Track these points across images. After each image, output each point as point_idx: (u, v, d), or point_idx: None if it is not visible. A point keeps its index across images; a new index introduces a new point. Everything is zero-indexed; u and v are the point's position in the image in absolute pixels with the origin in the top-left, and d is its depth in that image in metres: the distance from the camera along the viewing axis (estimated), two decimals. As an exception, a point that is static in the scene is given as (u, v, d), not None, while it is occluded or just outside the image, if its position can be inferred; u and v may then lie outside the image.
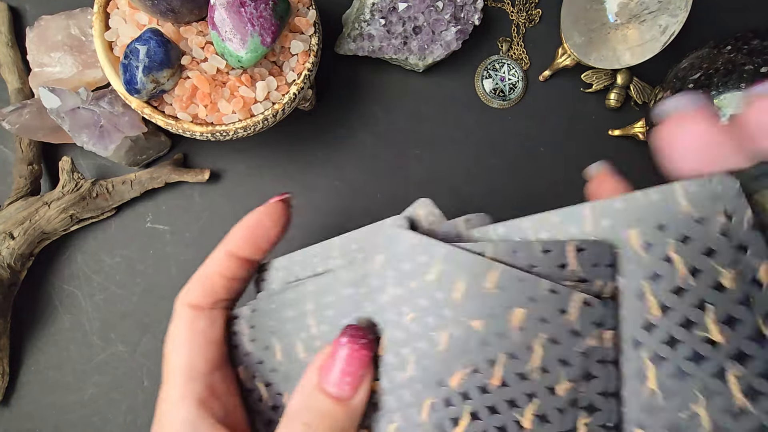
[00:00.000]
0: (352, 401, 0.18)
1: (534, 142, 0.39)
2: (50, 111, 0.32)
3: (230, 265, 0.23)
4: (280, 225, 0.24)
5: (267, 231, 0.24)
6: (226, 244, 0.23)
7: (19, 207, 0.34)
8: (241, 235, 0.23)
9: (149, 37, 0.28)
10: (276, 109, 0.32)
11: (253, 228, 0.23)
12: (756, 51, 0.30)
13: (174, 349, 0.22)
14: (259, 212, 0.24)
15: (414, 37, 0.36)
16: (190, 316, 0.22)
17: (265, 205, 0.24)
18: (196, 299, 0.23)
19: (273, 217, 0.24)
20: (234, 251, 0.23)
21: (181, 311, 0.22)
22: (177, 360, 0.21)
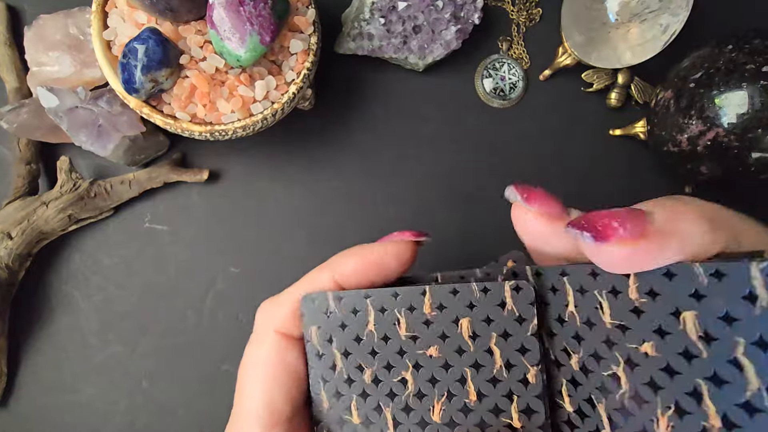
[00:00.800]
0: None
1: (534, 141, 0.39)
2: (48, 110, 0.32)
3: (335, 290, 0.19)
4: (404, 268, 0.19)
5: (387, 272, 0.19)
6: (334, 270, 0.19)
7: (17, 207, 0.34)
8: (356, 267, 0.19)
9: (148, 36, 0.28)
10: (275, 109, 0.31)
11: (372, 264, 0.19)
12: (757, 50, 0.30)
13: (256, 382, 0.18)
14: (385, 249, 0.19)
15: (414, 37, 0.36)
16: (280, 345, 0.19)
17: (396, 243, 0.19)
18: (287, 326, 0.19)
19: (399, 259, 0.19)
20: (342, 282, 0.19)
21: (269, 337, 0.19)
22: (258, 396, 0.18)
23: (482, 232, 0.38)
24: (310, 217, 0.38)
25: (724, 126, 0.30)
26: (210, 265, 0.37)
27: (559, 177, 0.38)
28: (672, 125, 0.33)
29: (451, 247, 0.38)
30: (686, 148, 0.32)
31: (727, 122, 0.30)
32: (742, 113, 0.29)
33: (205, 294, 0.37)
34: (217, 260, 0.37)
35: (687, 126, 0.32)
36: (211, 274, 0.37)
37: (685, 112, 0.32)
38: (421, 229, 0.20)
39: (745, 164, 0.30)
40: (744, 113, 0.29)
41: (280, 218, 0.38)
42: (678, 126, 0.32)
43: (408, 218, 0.38)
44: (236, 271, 0.37)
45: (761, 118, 0.29)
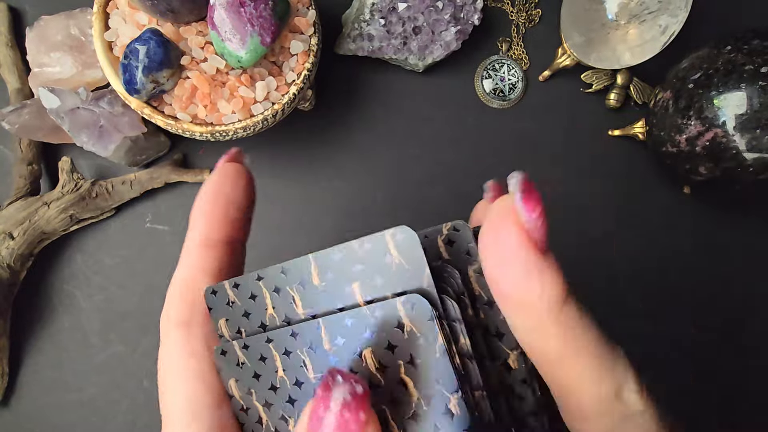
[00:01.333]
0: None
1: (534, 142, 0.39)
2: (50, 111, 0.32)
3: (208, 258, 0.18)
4: (242, 186, 0.18)
5: (231, 198, 0.18)
6: (192, 236, 0.18)
7: (19, 207, 0.34)
8: (204, 216, 0.18)
9: (149, 37, 0.28)
10: (276, 110, 0.32)
11: (212, 202, 0.18)
12: (756, 51, 0.30)
13: (171, 378, 0.17)
14: (211, 181, 0.18)
15: (414, 37, 0.36)
16: (181, 336, 0.18)
17: (215, 171, 0.18)
18: (182, 315, 0.18)
19: (230, 180, 0.18)
20: (206, 237, 0.18)
21: (170, 333, 0.18)
22: (176, 395, 0.17)
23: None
24: (311, 216, 0.38)
25: (723, 126, 0.30)
26: (211, 265, 0.37)
27: (559, 177, 0.39)
28: (671, 126, 0.33)
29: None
30: (685, 149, 0.32)
31: (726, 123, 0.30)
32: (740, 114, 0.29)
33: (205, 294, 0.37)
34: (217, 260, 0.37)
35: (686, 126, 0.32)
36: (212, 274, 0.37)
37: (684, 112, 0.32)
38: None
39: (743, 165, 0.30)
40: (742, 114, 0.29)
41: (281, 218, 0.38)
42: (677, 126, 0.32)
43: (408, 218, 0.38)
44: (237, 271, 0.37)
45: (759, 119, 0.29)
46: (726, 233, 0.38)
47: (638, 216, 0.38)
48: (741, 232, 0.38)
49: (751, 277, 0.38)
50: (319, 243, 0.38)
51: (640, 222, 0.38)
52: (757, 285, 0.38)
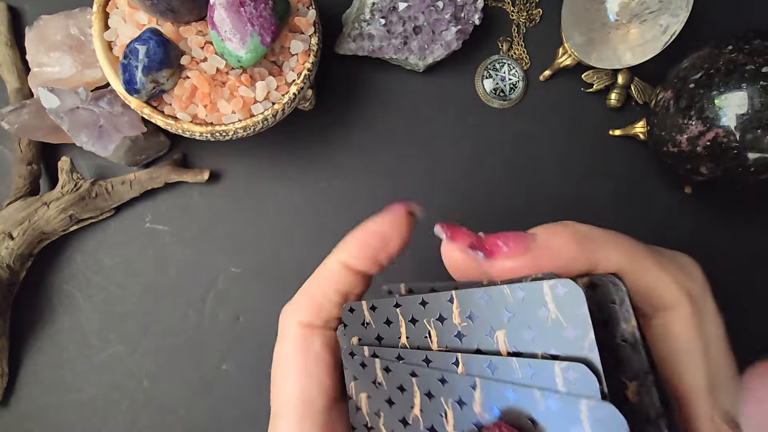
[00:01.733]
0: None
1: (534, 142, 0.39)
2: (49, 111, 0.32)
3: (345, 278, 0.19)
4: (403, 236, 0.20)
5: (388, 243, 0.20)
6: (339, 254, 0.20)
7: (19, 207, 0.34)
8: (359, 244, 0.19)
9: (149, 37, 0.28)
10: (276, 109, 0.31)
11: (372, 238, 0.20)
12: (757, 51, 0.30)
13: (286, 376, 0.19)
14: (381, 221, 0.20)
15: (414, 37, 0.36)
16: (304, 336, 0.19)
17: (389, 213, 0.20)
18: (308, 317, 0.19)
19: (397, 227, 0.20)
20: (350, 263, 0.19)
21: (292, 331, 0.19)
22: (290, 390, 0.18)
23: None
24: (311, 217, 0.38)
25: (724, 126, 0.30)
26: (211, 265, 0.37)
27: (559, 177, 0.38)
28: (672, 126, 0.33)
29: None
30: (686, 149, 0.32)
31: (727, 123, 0.30)
32: (741, 114, 0.29)
33: (205, 294, 0.37)
34: (217, 260, 0.37)
35: (687, 126, 0.32)
36: (212, 274, 0.37)
37: (685, 112, 0.32)
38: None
39: (744, 165, 0.30)
40: (744, 114, 0.29)
41: (281, 218, 0.38)
42: (678, 126, 0.32)
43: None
44: (237, 271, 0.37)
45: (761, 119, 0.29)
46: (727, 233, 0.38)
47: (639, 216, 0.38)
48: (742, 232, 0.38)
49: (752, 277, 0.38)
50: (319, 243, 0.38)
51: (640, 222, 0.38)
52: (758, 285, 0.38)
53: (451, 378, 0.15)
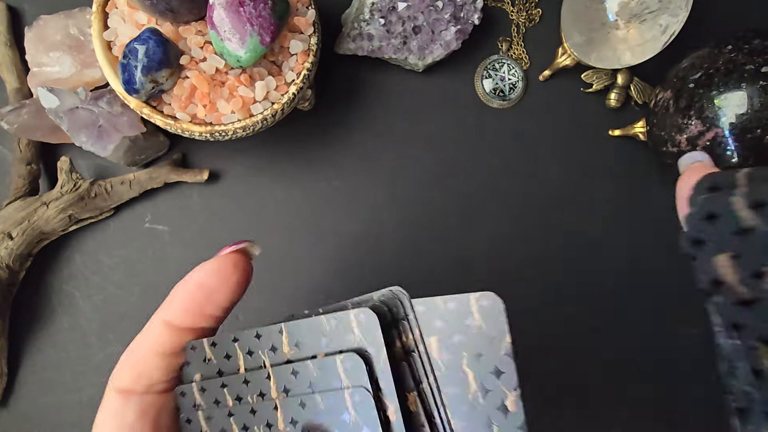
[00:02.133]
0: None
1: (534, 142, 0.39)
2: (49, 111, 0.32)
3: (168, 338, 0.18)
4: (232, 286, 0.18)
5: (214, 295, 0.18)
6: (162, 313, 0.18)
7: (18, 207, 0.34)
8: (181, 301, 0.18)
9: (148, 37, 0.28)
10: (275, 109, 0.31)
11: (195, 292, 0.18)
12: (757, 51, 0.30)
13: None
14: (204, 270, 0.18)
15: (413, 37, 0.36)
16: (117, 404, 0.18)
17: (214, 260, 0.18)
18: (126, 383, 0.18)
19: (223, 275, 0.18)
20: (172, 321, 0.18)
21: (109, 397, 0.18)
22: None
23: (482, 232, 0.38)
24: (310, 217, 0.38)
25: (724, 126, 0.30)
26: (210, 265, 0.37)
27: (559, 177, 0.38)
28: (671, 125, 0.33)
29: (451, 247, 0.38)
30: (685, 149, 0.32)
31: (727, 122, 0.30)
32: (741, 113, 0.29)
33: (205, 294, 0.37)
34: (217, 260, 0.37)
35: (686, 126, 0.32)
36: (212, 274, 0.37)
37: (685, 112, 0.32)
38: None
39: (744, 165, 0.30)
40: (743, 113, 0.29)
41: (280, 218, 0.38)
42: (677, 126, 0.32)
43: (408, 218, 0.38)
44: (236, 271, 0.37)
45: (760, 119, 0.29)
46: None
47: (638, 216, 0.38)
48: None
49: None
50: (319, 243, 0.38)
51: (640, 222, 0.38)
52: (758, 285, 0.38)
53: (259, 406, 0.16)
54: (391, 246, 0.38)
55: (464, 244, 0.38)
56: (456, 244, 0.38)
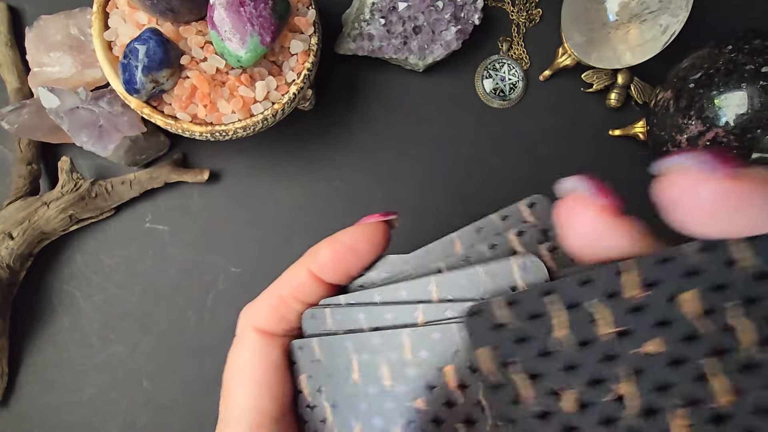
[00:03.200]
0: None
1: (534, 142, 0.39)
2: (49, 111, 0.32)
3: (312, 289, 0.19)
4: (378, 250, 0.19)
5: (362, 257, 0.19)
6: (309, 264, 0.19)
7: (19, 207, 0.34)
8: (331, 257, 0.19)
9: (148, 37, 0.28)
10: (275, 109, 0.31)
11: (346, 251, 0.19)
12: (757, 51, 0.30)
13: (240, 383, 0.18)
14: (355, 233, 0.19)
15: (414, 37, 0.36)
16: (263, 344, 0.18)
17: (365, 226, 0.19)
18: (269, 324, 0.18)
19: (372, 241, 0.19)
20: (319, 273, 0.19)
21: (250, 336, 0.18)
22: (243, 400, 0.17)
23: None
24: (311, 216, 0.38)
25: (724, 126, 0.30)
26: (211, 265, 0.37)
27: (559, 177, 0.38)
28: (671, 125, 0.33)
29: (451, 247, 0.38)
30: (685, 149, 0.32)
31: (727, 122, 0.30)
32: (741, 113, 0.29)
33: (205, 294, 0.37)
34: (217, 260, 0.37)
35: (686, 126, 0.32)
36: (212, 274, 0.37)
37: (685, 112, 0.32)
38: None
39: (744, 164, 0.30)
40: (743, 113, 0.29)
41: (281, 218, 0.38)
42: (677, 126, 0.32)
43: (408, 218, 0.38)
44: (237, 271, 0.37)
45: (761, 119, 0.29)
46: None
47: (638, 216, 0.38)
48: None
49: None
50: (319, 243, 0.38)
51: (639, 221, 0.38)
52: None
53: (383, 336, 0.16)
54: (391, 246, 0.38)
55: (464, 244, 0.38)
56: (456, 244, 0.38)
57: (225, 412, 0.18)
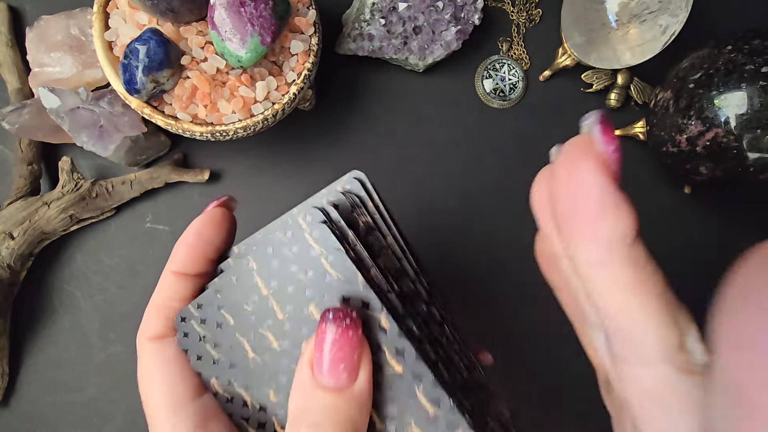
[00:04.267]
0: (354, 388, 0.17)
1: (534, 142, 0.39)
2: (50, 111, 0.32)
3: (181, 285, 0.21)
4: (224, 231, 0.22)
5: (211, 241, 0.21)
6: (169, 266, 0.21)
7: (19, 207, 0.34)
8: (184, 251, 0.21)
9: (149, 37, 0.28)
10: (276, 109, 0.31)
11: (194, 241, 0.21)
12: (757, 51, 0.30)
13: (151, 385, 0.20)
14: (197, 222, 0.22)
15: (414, 37, 0.36)
16: (156, 347, 0.20)
17: (204, 213, 0.22)
18: (157, 330, 0.21)
19: (215, 225, 0.22)
20: (181, 270, 0.21)
21: (145, 347, 0.20)
22: (156, 394, 0.19)
23: (482, 232, 0.38)
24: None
25: (723, 126, 0.30)
26: (211, 265, 0.37)
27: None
28: (671, 125, 0.33)
29: (450, 248, 0.38)
30: (685, 149, 0.32)
31: (727, 122, 0.30)
32: (741, 113, 0.29)
33: (206, 294, 0.37)
34: (218, 260, 0.37)
35: (686, 126, 0.32)
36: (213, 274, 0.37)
37: (685, 112, 0.32)
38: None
39: (744, 164, 0.30)
40: (743, 113, 0.29)
41: (281, 218, 0.38)
42: (677, 126, 0.32)
43: (408, 218, 0.38)
44: (237, 271, 0.37)
45: (760, 119, 0.29)
46: (727, 233, 0.38)
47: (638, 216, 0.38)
48: (742, 231, 0.38)
49: (752, 277, 0.38)
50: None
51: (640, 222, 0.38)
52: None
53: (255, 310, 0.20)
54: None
55: (464, 244, 0.38)
56: (456, 243, 0.38)
57: (148, 416, 0.20)
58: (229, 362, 0.20)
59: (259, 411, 0.20)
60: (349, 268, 0.18)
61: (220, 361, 0.20)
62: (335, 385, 0.17)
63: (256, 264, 0.20)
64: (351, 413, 0.16)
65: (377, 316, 0.18)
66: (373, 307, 0.18)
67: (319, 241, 0.19)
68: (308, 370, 0.17)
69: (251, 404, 0.20)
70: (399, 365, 0.18)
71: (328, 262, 0.18)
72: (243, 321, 0.20)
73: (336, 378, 0.16)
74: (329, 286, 0.18)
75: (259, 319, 0.19)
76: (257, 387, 0.20)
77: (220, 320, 0.20)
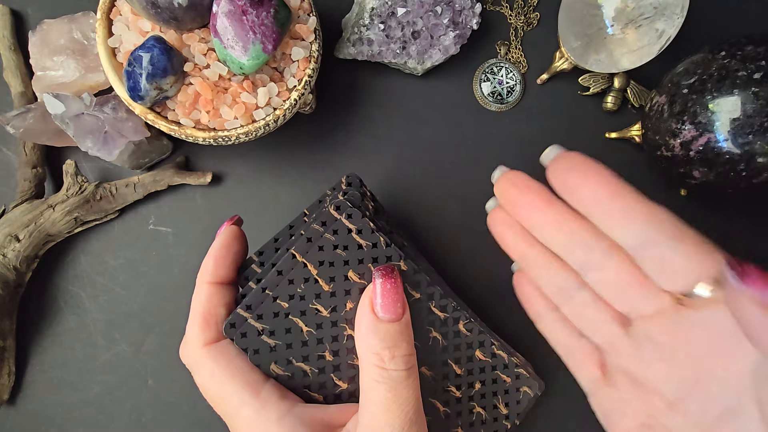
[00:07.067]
0: (404, 317, 0.24)
1: (532, 144, 0.39)
2: (54, 117, 0.33)
3: (221, 293, 0.25)
4: (242, 244, 0.28)
5: (236, 252, 0.27)
6: (206, 278, 0.26)
7: (24, 210, 0.35)
8: (215, 261, 0.26)
9: (152, 45, 0.29)
10: (277, 115, 0.32)
11: (225, 254, 0.27)
12: (749, 57, 0.30)
13: (220, 383, 0.23)
14: (220, 238, 0.27)
15: (413, 42, 0.37)
16: (216, 350, 0.24)
17: (225, 230, 0.28)
18: (210, 336, 0.24)
19: (235, 239, 0.27)
20: (216, 280, 0.26)
21: (202, 354, 0.24)
22: (231, 388, 0.23)
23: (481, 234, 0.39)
24: (312, 219, 0.38)
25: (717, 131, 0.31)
26: (213, 267, 0.38)
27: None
28: (665, 130, 0.33)
29: (449, 249, 0.38)
30: (679, 153, 0.33)
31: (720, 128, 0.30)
32: (734, 119, 0.30)
33: (208, 294, 0.37)
34: (220, 261, 0.38)
35: (680, 131, 0.32)
36: (215, 275, 0.38)
37: (678, 117, 0.32)
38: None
39: (736, 169, 0.31)
40: (736, 119, 0.30)
41: (282, 220, 0.38)
42: (671, 131, 0.33)
43: (407, 220, 0.38)
44: (239, 272, 0.38)
45: (752, 124, 0.30)
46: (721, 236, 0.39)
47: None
48: (736, 235, 0.39)
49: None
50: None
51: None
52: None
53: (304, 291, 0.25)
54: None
55: (463, 247, 0.38)
56: (455, 246, 0.38)
57: (228, 411, 0.23)
58: (285, 344, 0.25)
59: (319, 374, 0.25)
60: (375, 236, 0.25)
61: (278, 346, 0.25)
62: (394, 317, 0.23)
63: (300, 254, 0.24)
64: (408, 333, 0.24)
65: (398, 264, 0.26)
66: (394, 259, 0.26)
67: (352, 221, 0.25)
68: (370, 314, 0.23)
69: (311, 371, 0.25)
70: (417, 292, 0.26)
71: (359, 236, 0.25)
72: (295, 304, 0.25)
73: (394, 312, 0.23)
74: (362, 254, 0.25)
75: (309, 296, 0.25)
76: (313, 354, 0.25)
77: (276, 310, 0.25)
